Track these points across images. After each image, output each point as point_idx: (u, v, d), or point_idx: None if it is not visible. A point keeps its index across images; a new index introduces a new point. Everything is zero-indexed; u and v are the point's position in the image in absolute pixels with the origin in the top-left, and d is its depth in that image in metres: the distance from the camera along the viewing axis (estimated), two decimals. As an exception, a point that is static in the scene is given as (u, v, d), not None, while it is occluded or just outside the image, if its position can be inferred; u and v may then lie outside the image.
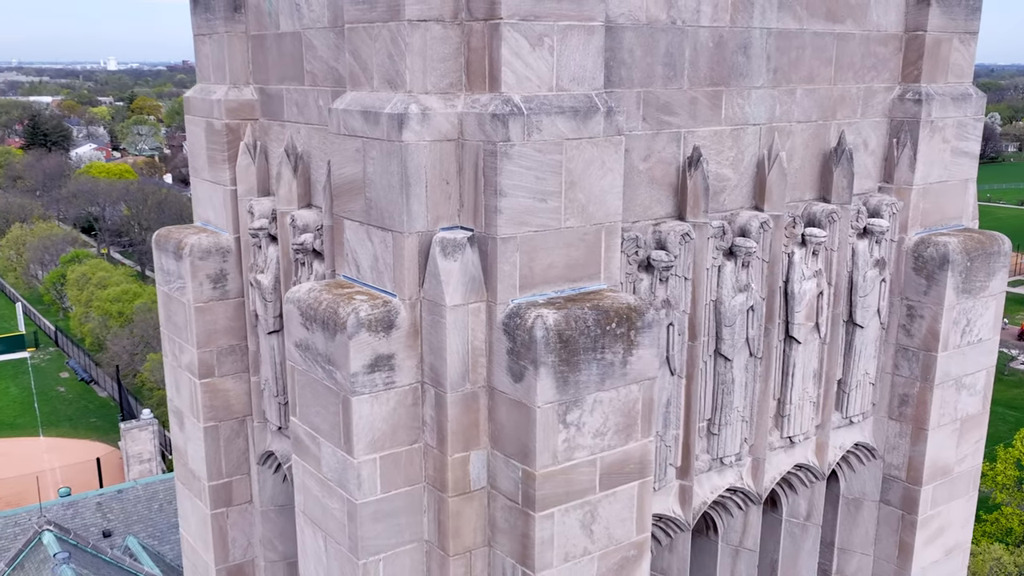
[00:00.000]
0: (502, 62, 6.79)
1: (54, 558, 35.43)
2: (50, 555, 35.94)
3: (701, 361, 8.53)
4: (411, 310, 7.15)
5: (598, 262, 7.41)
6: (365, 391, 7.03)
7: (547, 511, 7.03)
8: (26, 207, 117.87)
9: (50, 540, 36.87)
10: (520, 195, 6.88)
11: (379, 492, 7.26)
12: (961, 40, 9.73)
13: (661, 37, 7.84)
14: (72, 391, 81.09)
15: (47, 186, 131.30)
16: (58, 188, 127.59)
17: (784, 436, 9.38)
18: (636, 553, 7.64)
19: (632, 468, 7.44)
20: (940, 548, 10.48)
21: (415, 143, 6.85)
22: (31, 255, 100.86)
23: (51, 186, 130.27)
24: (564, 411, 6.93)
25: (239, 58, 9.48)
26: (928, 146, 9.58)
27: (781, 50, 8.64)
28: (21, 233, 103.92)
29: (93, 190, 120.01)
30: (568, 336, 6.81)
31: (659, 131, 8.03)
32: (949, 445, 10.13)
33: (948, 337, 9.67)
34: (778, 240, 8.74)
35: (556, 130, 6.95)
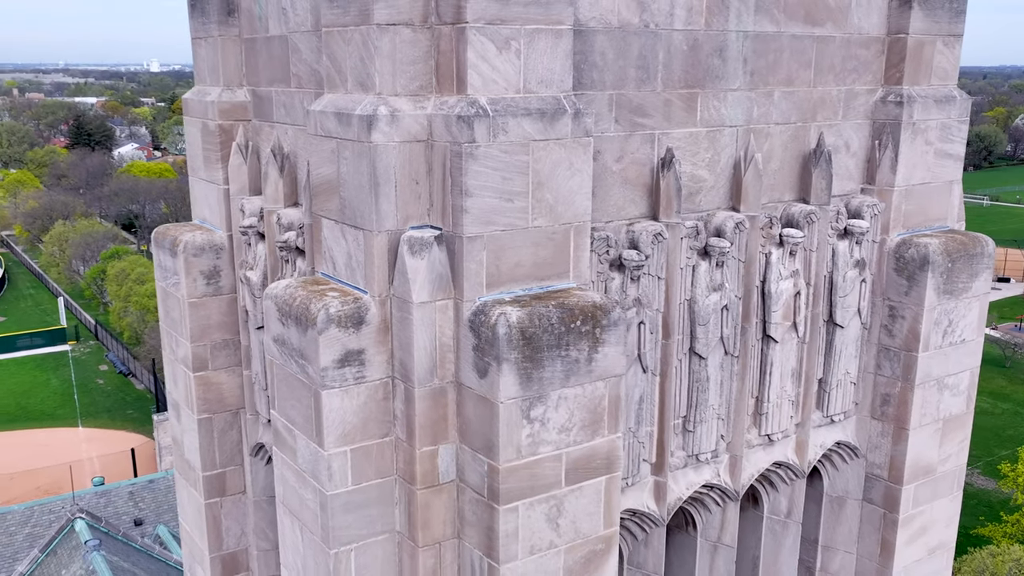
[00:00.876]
0: (468, 65, 6.83)
1: (85, 545, 36.02)
2: (82, 542, 36.54)
3: (676, 359, 8.52)
4: (381, 307, 7.22)
5: (567, 261, 7.43)
6: (335, 385, 7.11)
7: (511, 504, 7.07)
8: (69, 205, 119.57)
9: (82, 528, 37.47)
10: (486, 195, 6.92)
11: (350, 484, 7.34)
12: (945, 43, 9.64)
13: (633, 40, 7.85)
14: (110, 383, 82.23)
15: (90, 184, 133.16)
16: (100, 186, 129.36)
17: (763, 434, 9.34)
18: (604, 547, 7.66)
19: (599, 463, 7.46)
20: (923, 547, 10.38)
21: (384, 144, 6.91)
22: (73, 251, 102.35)
23: (94, 184, 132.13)
24: (528, 407, 6.96)
25: (232, 61, 9.60)
26: (910, 148, 9.50)
27: (758, 53, 8.60)
28: (64, 230, 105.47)
29: (134, 188, 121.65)
30: (531, 333, 6.84)
31: (632, 132, 8.03)
32: (931, 445, 10.04)
33: (929, 338, 9.59)
34: (754, 240, 8.71)
35: (522, 131, 6.99)
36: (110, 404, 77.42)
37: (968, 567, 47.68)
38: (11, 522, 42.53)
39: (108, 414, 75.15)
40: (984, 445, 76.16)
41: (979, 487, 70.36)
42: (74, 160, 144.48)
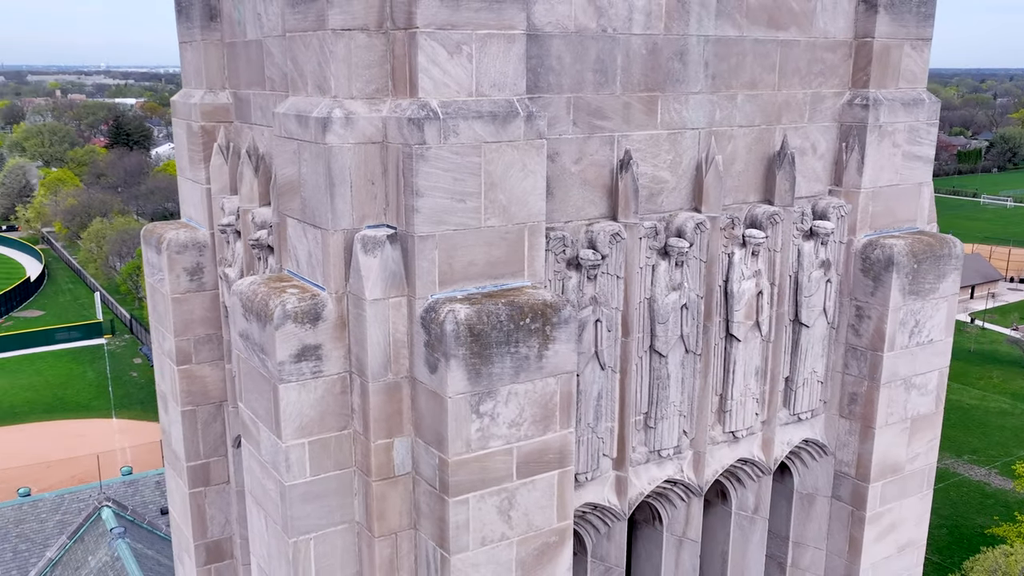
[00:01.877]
0: (419, 69, 6.90)
1: (111, 532, 36.52)
2: (107, 529, 37.05)
3: (636, 357, 8.55)
4: (338, 303, 7.30)
5: (521, 260, 7.48)
6: (292, 379, 7.21)
7: (461, 497, 7.14)
8: (107, 202, 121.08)
9: (108, 516, 37.98)
10: (437, 195, 6.99)
11: (308, 475, 7.43)
12: (913, 46, 9.58)
13: (591, 45, 7.88)
14: (144, 376, 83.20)
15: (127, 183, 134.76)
16: (137, 185, 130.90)
17: (727, 431, 9.34)
18: (558, 540, 7.70)
19: (551, 458, 7.50)
20: (892, 544, 10.33)
21: (339, 145, 7.00)
22: (110, 248, 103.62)
23: (131, 183, 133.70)
24: (477, 402, 7.02)
25: (215, 64, 9.73)
26: (877, 150, 9.45)
27: (720, 57, 8.60)
28: (101, 227, 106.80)
29: (170, 187, 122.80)
30: (480, 330, 6.90)
31: (591, 135, 8.06)
32: (899, 443, 9.99)
33: (895, 337, 9.54)
34: (715, 241, 8.72)
35: (474, 134, 7.04)
36: (143, 396, 78.35)
37: (981, 566, 47.17)
38: (42, 509, 43.21)
39: (141, 406, 76.07)
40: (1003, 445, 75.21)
41: (996, 487, 69.52)
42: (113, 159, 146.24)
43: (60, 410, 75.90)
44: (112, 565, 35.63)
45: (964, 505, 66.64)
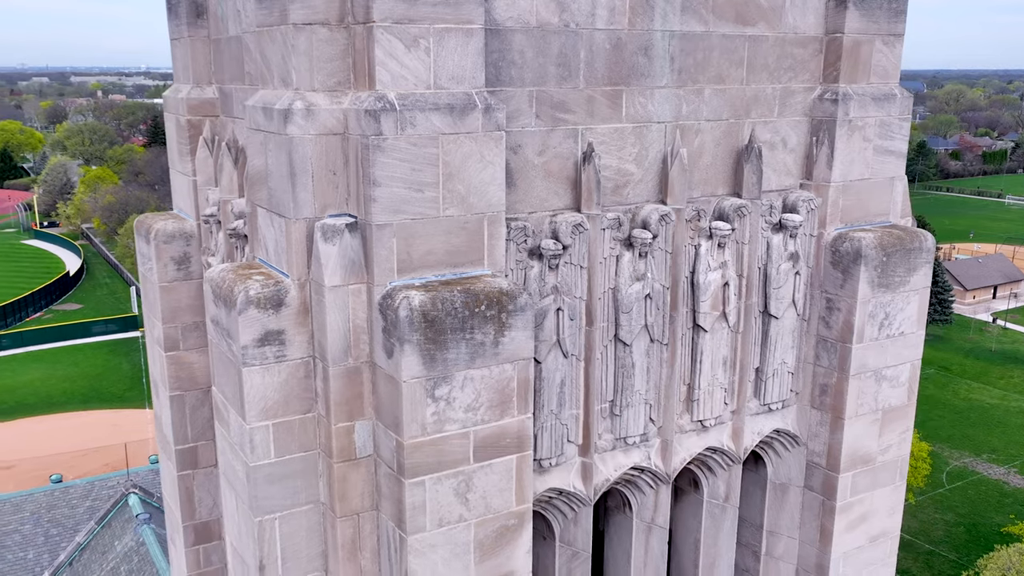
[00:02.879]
0: (376, 62, 6.97)
1: (136, 518, 37.03)
2: (133, 515, 37.57)
3: (600, 345, 8.57)
4: (300, 290, 7.40)
5: (480, 249, 7.53)
6: (256, 363, 7.31)
7: (418, 479, 7.21)
8: (144, 199, 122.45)
9: (134, 502, 38.51)
10: (395, 185, 7.06)
11: (273, 456, 7.54)
12: (884, 42, 9.52)
13: (553, 39, 7.91)
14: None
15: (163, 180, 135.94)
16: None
17: (695, 420, 9.34)
18: (517, 523, 7.75)
19: (509, 442, 7.55)
20: (863, 535, 10.28)
21: (300, 136, 7.09)
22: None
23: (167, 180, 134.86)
24: (432, 386, 7.09)
25: (201, 60, 9.87)
26: (847, 144, 9.40)
27: (686, 52, 8.60)
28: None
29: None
30: (434, 316, 6.96)
31: (554, 127, 8.10)
32: (870, 435, 9.93)
33: (864, 329, 9.49)
34: (680, 232, 8.72)
35: (431, 125, 7.11)
36: (175, 388, 79.13)
37: (994, 564, 46.61)
38: (73, 495, 43.91)
39: (172, 397, 76.80)
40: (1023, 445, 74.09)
41: (1015, 486, 68.57)
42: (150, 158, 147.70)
43: (96, 400, 77.04)
44: (137, 550, 36.14)
45: (982, 503, 65.81)
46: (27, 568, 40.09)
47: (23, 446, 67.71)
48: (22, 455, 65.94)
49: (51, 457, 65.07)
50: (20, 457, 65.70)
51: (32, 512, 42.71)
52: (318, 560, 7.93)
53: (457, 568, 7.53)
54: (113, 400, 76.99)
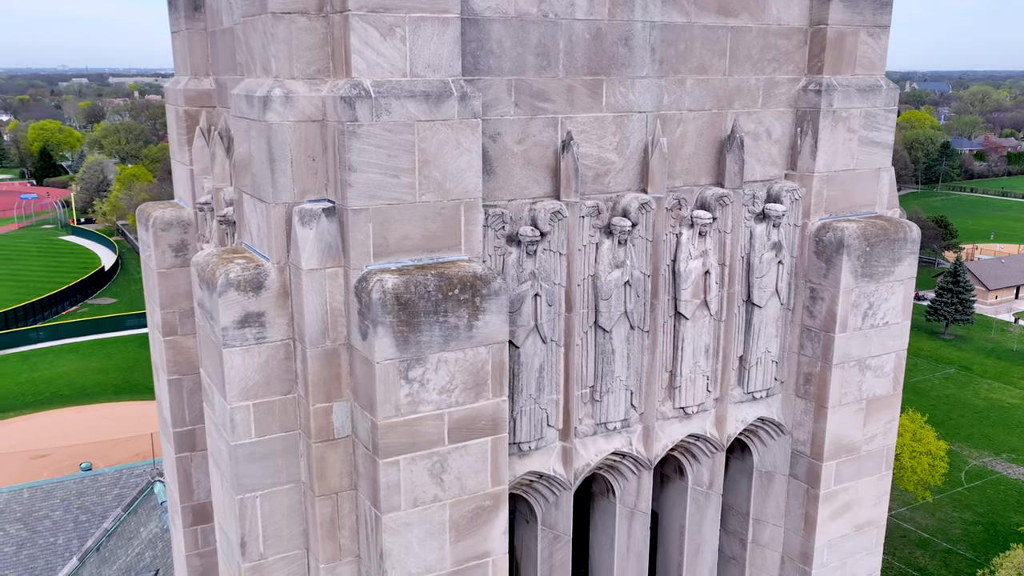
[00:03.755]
0: (352, 50, 7.01)
1: (161, 506, 37.44)
2: (159, 503, 38.00)
3: (581, 331, 8.57)
4: (280, 273, 7.46)
5: (457, 235, 7.56)
6: (236, 344, 7.38)
7: (392, 459, 7.25)
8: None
9: (160, 490, 38.92)
10: (371, 171, 7.10)
11: (254, 436, 7.61)
12: (869, 33, 9.43)
13: (532, 29, 7.91)
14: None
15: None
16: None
17: (677, 407, 9.31)
18: (492, 504, 7.77)
19: (484, 424, 7.57)
20: (848, 523, 10.19)
21: (278, 123, 7.15)
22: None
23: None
24: (406, 368, 7.12)
25: (199, 51, 9.97)
26: (831, 135, 9.33)
27: (667, 42, 8.57)
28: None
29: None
30: (407, 299, 7.00)
31: (534, 116, 8.10)
32: (854, 424, 9.85)
33: (847, 319, 9.41)
34: (661, 221, 8.69)
35: (407, 112, 7.14)
36: (204, 380, 79.90)
37: (1010, 563, 46.00)
38: (102, 483, 44.50)
39: (202, 389, 77.58)
40: (1042, 444, 72.99)
41: (1039, 485, 67.58)
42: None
43: (128, 392, 77.91)
44: (161, 536, 36.53)
45: (1001, 503, 64.92)
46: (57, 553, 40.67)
47: (58, 435, 68.67)
48: (57, 444, 66.88)
49: (84, 446, 65.98)
50: (55, 446, 66.64)
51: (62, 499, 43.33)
52: (299, 538, 8.00)
53: (432, 547, 7.56)
54: (144, 391, 77.76)
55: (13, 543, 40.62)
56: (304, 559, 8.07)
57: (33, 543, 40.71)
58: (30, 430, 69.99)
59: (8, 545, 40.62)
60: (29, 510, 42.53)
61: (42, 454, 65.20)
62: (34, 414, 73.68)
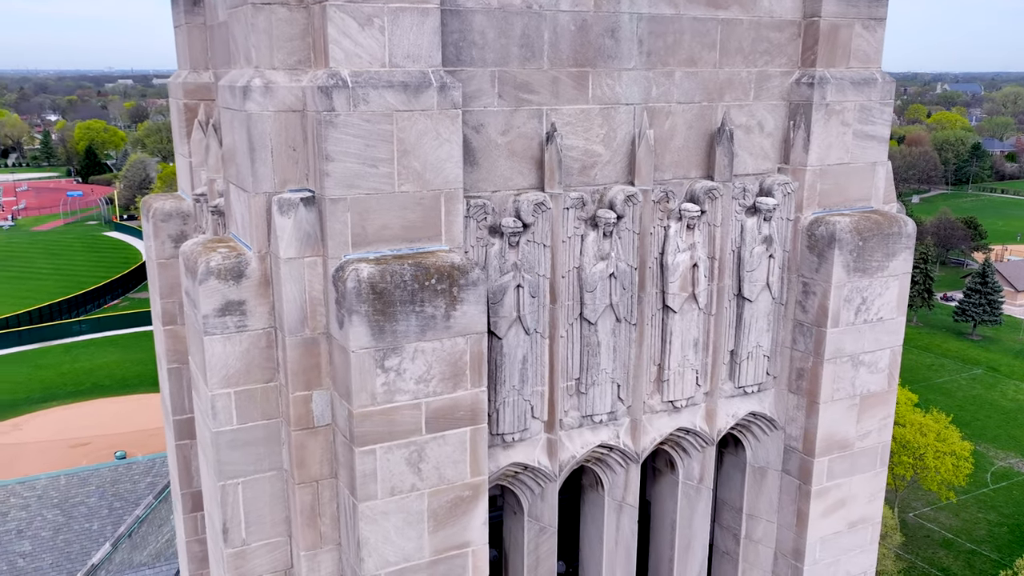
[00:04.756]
0: (329, 40, 6.93)
1: (189, 494, 37.88)
2: (188, 491, 38.45)
3: (566, 323, 8.42)
4: (261, 262, 7.40)
5: (438, 225, 7.45)
6: (217, 332, 7.33)
7: (368, 447, 7.16)
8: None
9: (190, 478, 39.38)
10: (348, 160, 7.01)
11: (235, 423, 7.56)
12: (865, 26, 9.18)
13: (516, 20, 7.78)
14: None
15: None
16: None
17: (665, 400, 9.13)
18: (472, 494, 7.65)
19: (463, 415, 7.45)
20: (842, 520, 9.95)
21: (258, 113, 7.08)
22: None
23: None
24: (382, 357, 7.03)
25: (198, 45, 9.95)
26: (824, 128, 9.10)
27: (655, 34, 8.39)
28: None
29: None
30: (382, 288, 6.90)
31: (518, 108, 7.96)
32: (847, 420, 9.61)
33: (839, 314, 9.17)
34: (648, 213, 8.52)
35: (385, 102, 7.04)
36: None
37: (1032, 564, 45.08)
38: (136, 471, 45.04)
39: (236, 382, 78.15)
40: (1069, 446, 71.49)
41: (1070, 488, 66.25)
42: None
43: (165, 383, 78.62)
44: (190, 524, 36.89)
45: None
46: (91, 538, 41.16)
47: (98, 424, 69.63)
48: (96, 432, 67.81)
49: (123, 435, 66.79)
50: (95, 434, 67.57)
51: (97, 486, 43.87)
52: (282, 525, 7.94)
53: (411, 536, 7.46)
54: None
55: (50, 528, 41.17)
56: (287, 546, 8.01)
57: (69, 528, 41.25)
58: (71, 419, 71.06)
59: (45, 530, 41.18)
60: (66, 496, 43.11)
61: (82, 442, 66.15)
62: (75, 404, 74.79)
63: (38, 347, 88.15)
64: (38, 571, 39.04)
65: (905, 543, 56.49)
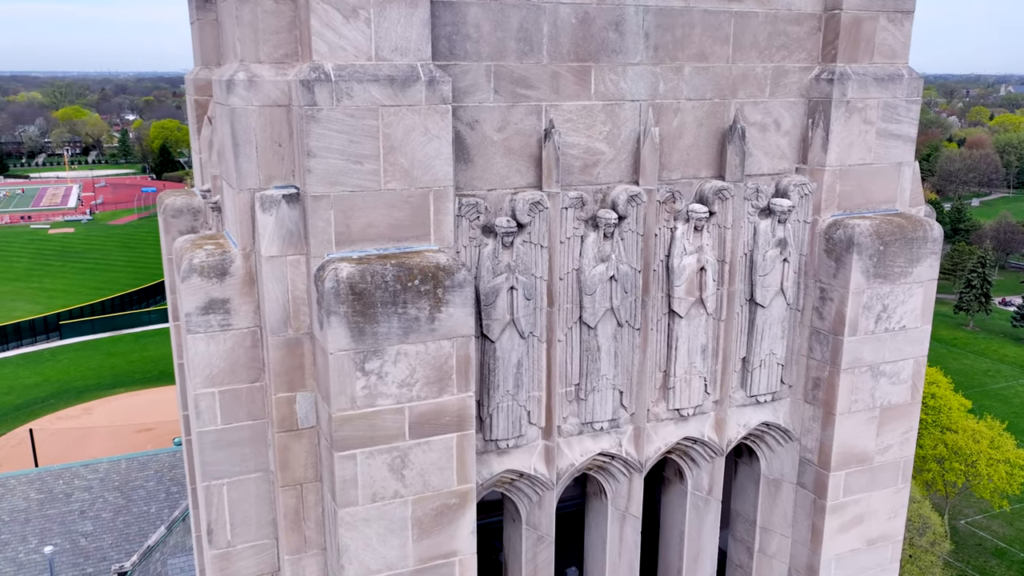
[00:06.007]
0: (312, 33, 6.58)
1: (241, 481, 38.29)
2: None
3: (565, 327, 7.96)
4: (246, 260, 7.09)
5: (426, 224, 7.05)
6: (200, 330, 7.05)
7: (348, 452, 6.80)
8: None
9: (242, 466, 39.82)
10: (331, 156, 6.66)
11: (220, 423, 7.27)
12: (890, 19, 8.52)
13: (513, 13, 7.34)
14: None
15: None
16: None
17: (671, 408, 8.61)
18: (458, 502, 7.24)
19: (449, 420, 7.05)
20: (859, 538, 9.30)
21: (242, 107, 6.77)
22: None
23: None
24: (362, 359, 6.66)
25: (209, 42, 9.69)
26: (844, 127, 8.47)
27: (663, 28, 7.87)
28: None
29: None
30: (362, 289, 6.53)
31: (515, 103, 7.52)
32: (865, 433, 8.96)
33: (858, 321, 8.54)
34: (652, 214, 8.01)
35: (370, 97, 6.67)
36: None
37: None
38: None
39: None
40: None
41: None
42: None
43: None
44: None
45: (1080, 513, 60.97)
46: (149, 521, 41.83)
47: (163, 411, 70.96)
48: (161, 419, 69.12)
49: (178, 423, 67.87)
50: (159, 420, 68.91)
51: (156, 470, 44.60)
52: (269, 528, 7.64)
53: (394, 544, 7.09)
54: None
55: (111, 509, 41.95)
56: (274, 549, 7.71)
57: (128, 510, 41.98)
58: (138, 405, 72.63)
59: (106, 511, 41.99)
60: (126, 479, 43.90)
61: (147, 428, 67.52)
62: (143, 390, 76.41)
63: (110, 335, 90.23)
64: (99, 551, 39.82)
65: (955, 551, 54.54)
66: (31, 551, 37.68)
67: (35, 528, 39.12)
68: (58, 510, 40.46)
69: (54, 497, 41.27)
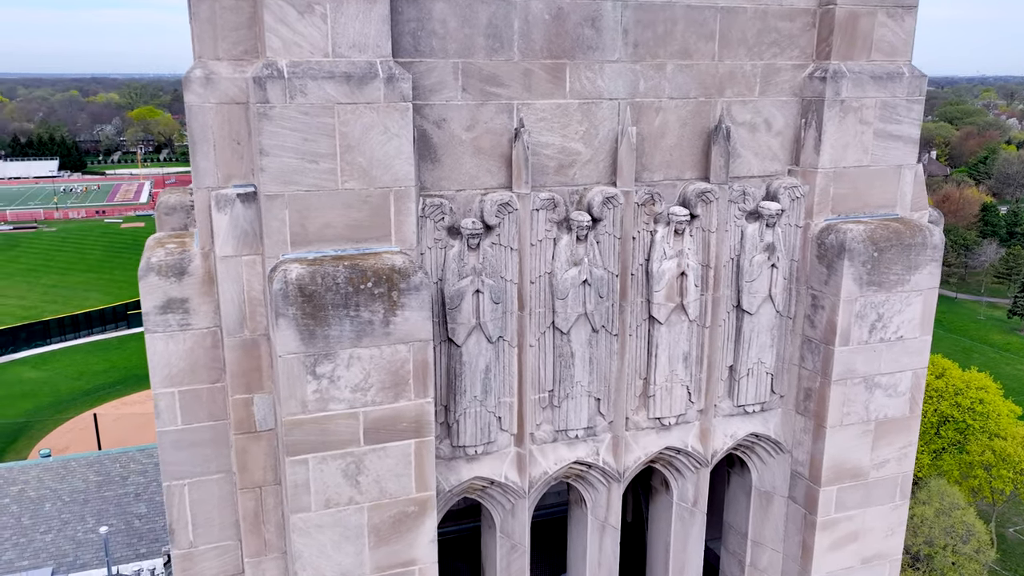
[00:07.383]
0: (266, 28, 6.29)
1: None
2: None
3: (537, 332, 7.57)
4: (205, 259, 6.85)
5: (387, 225, 6.73)
6: (159, 330, 6.83)
7: (299, 457, 6.51)
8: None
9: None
10: (285, 155, 6.37)
11: (180, 423, 7.05)
12: (890, 14, 7.94)
13: (481, 8, 6.96)
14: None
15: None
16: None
17: (652, 417, 8.15)
18: (417, 510, 6.91)
19: (406, 426, 6.72)
20: (853, 556, 8.73)
21: (199, 105, 6.53)
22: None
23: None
24: (313, 363, 6.36)
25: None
26: (839, 127, 7.92)
27: (643, 24, 7.42)
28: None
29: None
30: (312, 291, 6.23)
31: (485, 102, 7.15)
32: (859, 447, 8.39)
33: (850, 331, 7.99)
34: (629, 216, 7.57)
35: (325, 94, 6.36)
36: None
37: None
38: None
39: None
40: None
41: None
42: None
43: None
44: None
45: None
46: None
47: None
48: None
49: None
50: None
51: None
52: (232, 529, 7.40)
53: (348, 552, 6.79)
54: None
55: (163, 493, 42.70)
56: (238, 551, 7.47)
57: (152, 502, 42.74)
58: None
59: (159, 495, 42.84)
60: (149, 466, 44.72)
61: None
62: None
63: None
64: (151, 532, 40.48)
65: (1002, 558, 52.52)
66: (88, 530, 38.45)
67: (93, 508, 39.96)
68: (114, 492, 41.31)
69: (111, 479, 42.15)
